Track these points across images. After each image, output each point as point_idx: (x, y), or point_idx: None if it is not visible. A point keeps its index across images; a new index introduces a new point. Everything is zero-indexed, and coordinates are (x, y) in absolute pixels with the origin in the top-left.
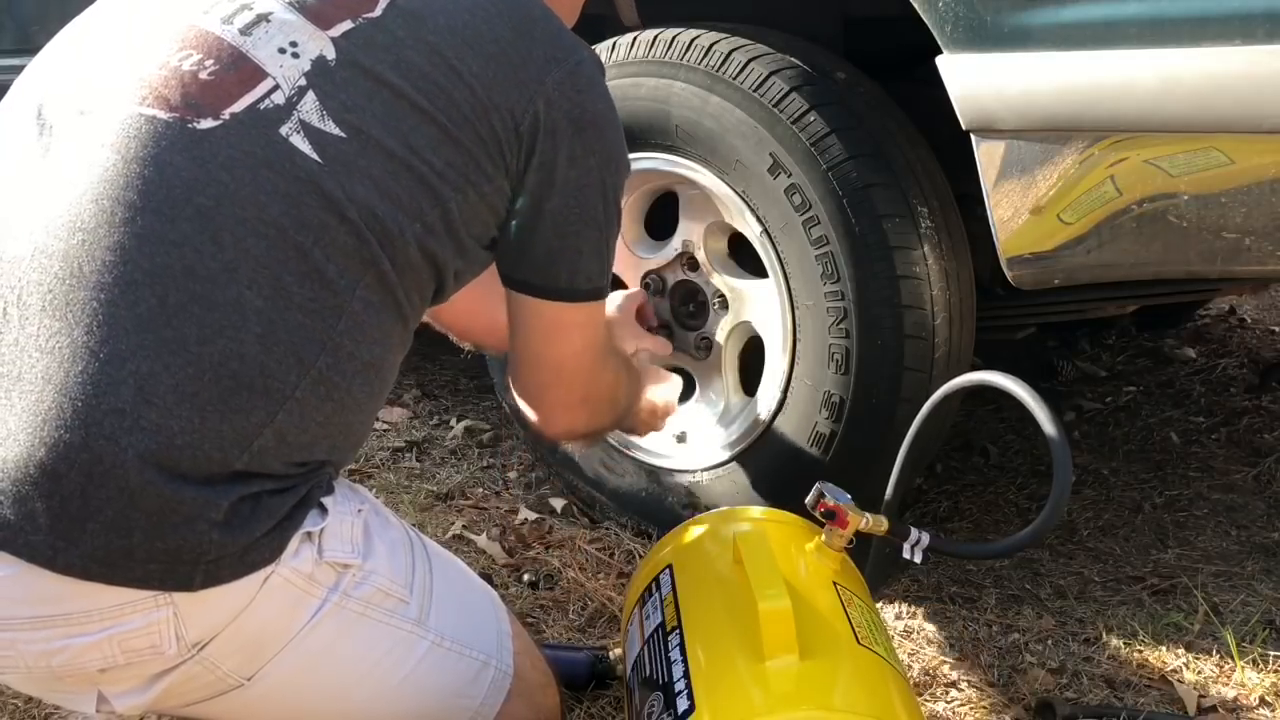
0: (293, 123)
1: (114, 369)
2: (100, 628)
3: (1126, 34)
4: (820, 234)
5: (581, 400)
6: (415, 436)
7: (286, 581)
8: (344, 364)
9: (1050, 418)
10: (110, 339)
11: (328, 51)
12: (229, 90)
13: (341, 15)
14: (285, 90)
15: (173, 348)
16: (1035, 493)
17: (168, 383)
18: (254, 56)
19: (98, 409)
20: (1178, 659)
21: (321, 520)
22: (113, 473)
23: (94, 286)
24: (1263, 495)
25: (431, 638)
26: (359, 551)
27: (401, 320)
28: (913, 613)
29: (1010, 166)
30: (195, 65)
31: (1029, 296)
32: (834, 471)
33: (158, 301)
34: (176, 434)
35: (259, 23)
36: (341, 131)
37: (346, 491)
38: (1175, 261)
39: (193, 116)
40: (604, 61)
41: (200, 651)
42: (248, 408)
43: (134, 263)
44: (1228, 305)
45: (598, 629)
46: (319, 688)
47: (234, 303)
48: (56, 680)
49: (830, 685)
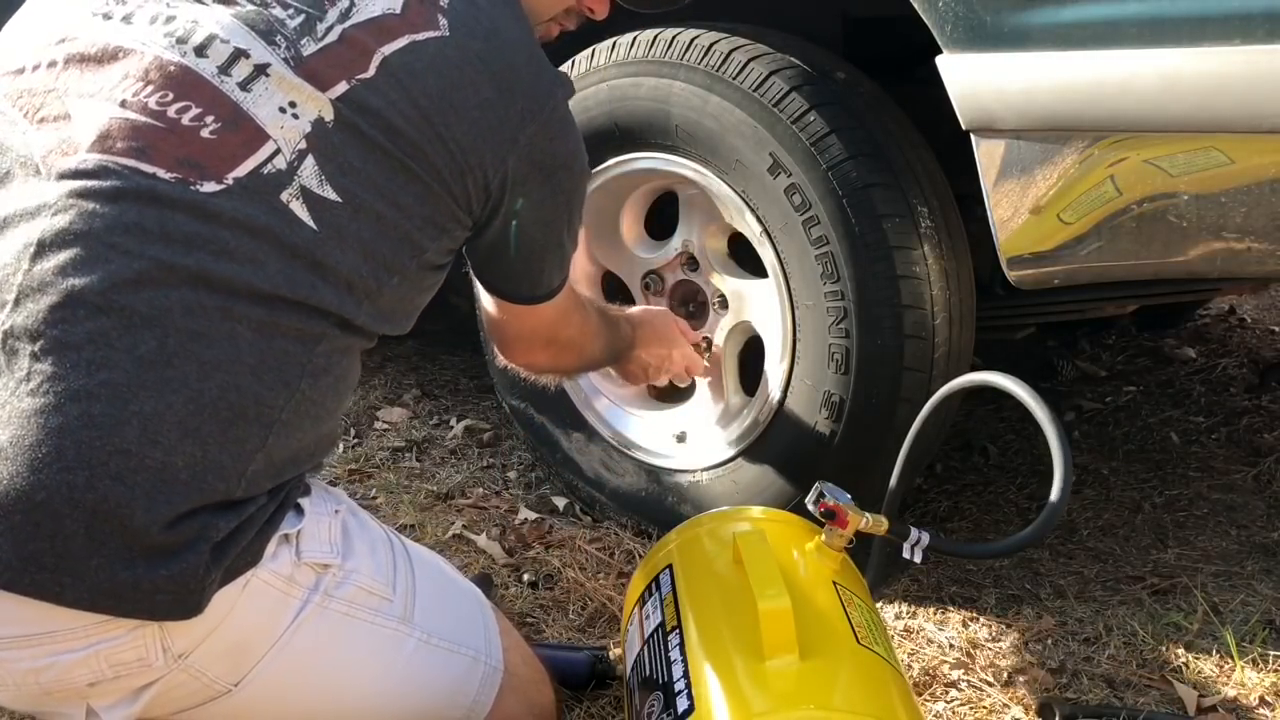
0: (293, 188)
1: (117, 410)
2: (86, 644)
3: (1126, 34)
4: (820, 234)
5: (544, 344)
6: (415, 436)
7: (266, 584)
8: (320, 381)
9: (1050, 418)
10: (110, 381)
11: (325, 113)
12: (232, 152)
13: (337, 76)
14: (286, 154)
15: (174, 386)
16: (1035, 493)
17: (171, 420)
18: (254, 115)
19: (102, 450)
20: (1178, 659)
21: (298, 522)
22: (118, 511)
23: (89, 331)
24: (1263, 495)
25: (418, 635)
26: (338, 551)
27: (370, 339)
28: (913, 613)
29: (1010, 166)
30: (195, 120)
31: (1029, 296)
32: (834, 471)
33: (158, 344)
34: (180, 469)
35: (257, 76)
36: (337, 196)
37: (323, 493)
38: (1175, 261)
39: (195, 178)
40: (604, 61)
41: (186, 660)
42: (244, 436)
43: (131, 307)
44: (1228, 305)
45: (598, 629)
46: (308, 690)
47: (229, 337)
48: (45, 695)
49: (830, 685)
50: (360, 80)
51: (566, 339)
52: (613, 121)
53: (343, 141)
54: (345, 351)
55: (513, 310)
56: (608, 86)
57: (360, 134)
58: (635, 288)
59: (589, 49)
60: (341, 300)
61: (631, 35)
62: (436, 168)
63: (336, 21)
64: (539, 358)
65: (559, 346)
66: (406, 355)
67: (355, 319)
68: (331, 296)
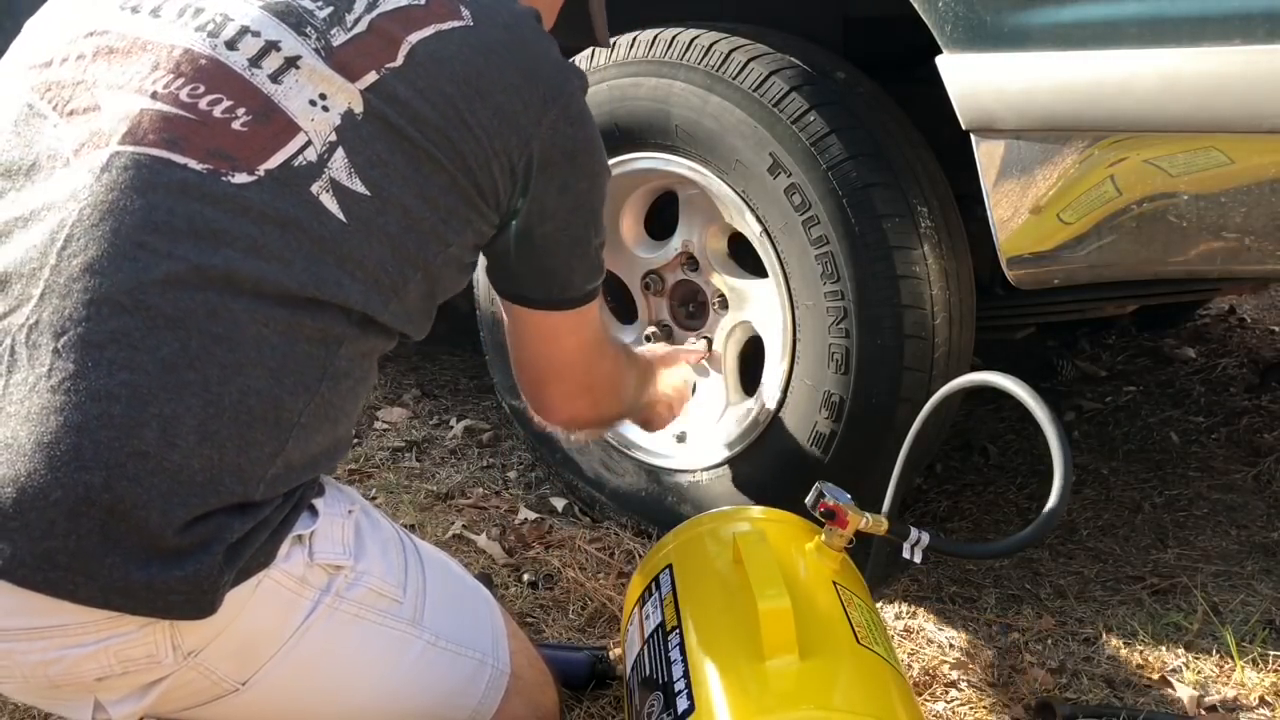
0: (323, 181)
1: (136, 411)
2: (96, 639)
3: (1126, 34)
4: (820, 234)
5: (582, 390)
6: (415, 436)
7: (278, 585)
8: (340, 385)
9: (1050, 418)
10: (131, 382)
11: (355, 105)
12: (263, 144)
13: (367, 66)
14: (317, 147)
15: (194, 389)
16: (1035, 493)
17: (190, 424)
18: (285, 108)
19: (120, 451)
20: (1177, 659)
21: (312, 522)
22: (134, 513)
23: (113, 330)
24: (1263, 495)
25: (427, 638)
26: (350, 552)
27: (391, 339)
28: (913, 613)
29: (1010, 166)
30: (226, 113)
31: (1029, 296)
32: (834, 471)
33: (180, 346)
34: (197, 472)
35: (287, 69)
36: (366, 189)
37: (336, 493)
38: (1175, 261)
39: (226, 169)
40: (604, 61)
41: (195, 658)
42: (262, 440)
43: (156, 308)
44: (1228, 305)
45: (598, 629)
46: (315, 690)
47: (253, 340)
48: (53, 689)
49: (830, 685)
50: (390, 69)
51: (604, 378)
52: (613, 121)
53: (371, 133)
54: (366, 355)
55: (547, 327)
56: (608, 86)
57: (388, 125)
58: (635, 288)
59: (589, 49)
60: (367, 297)
61: (631, 35)
62: (463, 156)
63: (364, 11)
64: (580, 406)
65: (597, 391)
66: (406, 355)
67: (380, 316)
68: (357, 293)
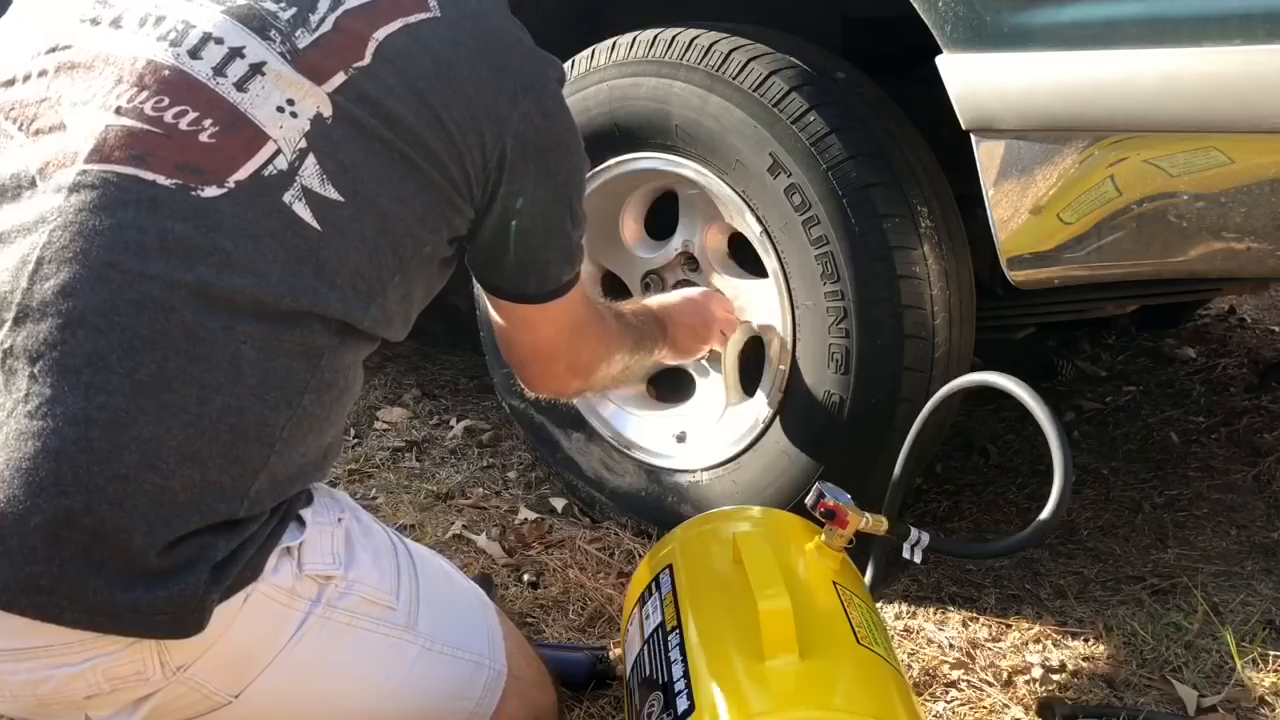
0: (295, 189)
1: (115, 434)
2: (83, 658)
3: (1126, 34)
4: (820, 234)
5: (567, 369)
6: (415, 436)
7: (267, 598)
8: (324, 396)
9: (1050, 418)
10: (109, 405)
11: (324, 109)
12: (232, 155)
13: (335, 67)
14: (287, 155)
15: (173, 410)
16: (1035, 493)
17: (170, 445)
18: (253, 116)
19: (100, 475)
20: (1177, 659)
21: (300, 534)
22: (116, 536)
23: (88, 353)
24: (1263, 495)
25: (422, 642)
26: (340, 562)
27: (373, 343)
28: (913, 613)
29: (1010, 166)
30: (193, 125)
31: (1029, 296)
32: (834, 471)
33: (157, 368)
34: (179, 493)
35: (253, 75)
36: (339, 195)
37: (326, 500)
38: (1175, 261)
39: (196, 183)
40: (604, 61)
41: (184, 672)
42: (244, 457)
43: (131, 329)
44: (1228, 305)
45: (598, 629)
46: (310, 699)
47: (231, 359)
48: (43, 706)
49: (830, 685)
50: (358, 69)
51: (590, 356)
52: (613, 122)
53: (342, 137)
54: (349, 365)
55: (524, 318)
56: (608, 86)
57: (360, 127)
58: (635, 288)
59: (589, 49)
60: (346, 304)
61: (631, 35)
62: (435, 152)
63: (329, 10)
64: (566, 382)
65: (584, 368)
66: (406, 355)
67: (360, 323)
68: (336, 301)
